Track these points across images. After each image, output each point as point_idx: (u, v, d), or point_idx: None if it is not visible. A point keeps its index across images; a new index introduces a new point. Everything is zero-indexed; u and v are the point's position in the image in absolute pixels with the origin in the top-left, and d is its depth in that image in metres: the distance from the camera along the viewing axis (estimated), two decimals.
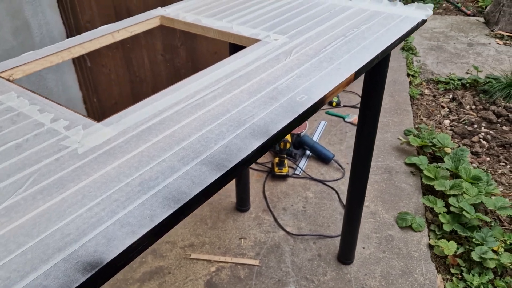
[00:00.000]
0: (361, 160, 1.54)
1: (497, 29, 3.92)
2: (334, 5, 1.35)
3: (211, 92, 0.88)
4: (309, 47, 1.07)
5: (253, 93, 0.87)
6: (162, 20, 1.31)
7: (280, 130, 0.76)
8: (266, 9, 1.33)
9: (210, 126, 0.77)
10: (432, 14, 1.24)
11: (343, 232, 1.76)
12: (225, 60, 1.02)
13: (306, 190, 2.20)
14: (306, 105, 0.82)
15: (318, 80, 0.91)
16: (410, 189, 2.20)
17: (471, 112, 2.94)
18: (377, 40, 1.09)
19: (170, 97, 0.86)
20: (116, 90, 2.22)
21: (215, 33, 1.21)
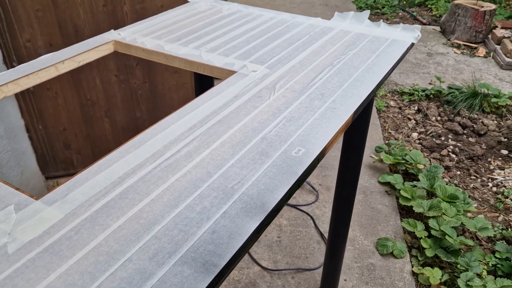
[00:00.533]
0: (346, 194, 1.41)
1: (454, 38, 3.98)
2: (313, 26, 1.22)
3: (184, 147, 0.71)
4: (294, 80, 0.92)
5: (238, 146, 0.70)
6: (116, 45, 1.12)
7: (280, 201, 0.60)
8: (237, 31, 1.17)
9: (188, 199, 0.59)
10: (420, 36, 1.13)
11: (325, 266, 1.63)
12: (198, 99, 0.85)
13: (279, 216, 2.05)
14: (305, 162, 0.67)
15: (313, 125, 0.76)
16: (386, 210, 2.10)
17: (437, 124, 2.91)
18: (370, 70, 0.96)
19: (133, 155, 0.68)
20: (65, 115, 1.98)
21: (181, 62, 1.03)
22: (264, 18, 1.27)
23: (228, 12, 1.32)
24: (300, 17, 1.28)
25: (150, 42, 1.09)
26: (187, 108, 0.82)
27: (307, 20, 1.26)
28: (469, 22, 3.86)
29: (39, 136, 1.97)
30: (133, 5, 1.83)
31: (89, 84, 1.94)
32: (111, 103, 2.02)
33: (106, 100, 2.01)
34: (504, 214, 2.16)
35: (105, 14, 1.81)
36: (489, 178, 2.42)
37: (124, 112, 2.07)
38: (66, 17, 1.76)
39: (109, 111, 2.04)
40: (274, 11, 1.33)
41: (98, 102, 2.00)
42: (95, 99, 1.99)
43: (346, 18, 1.25)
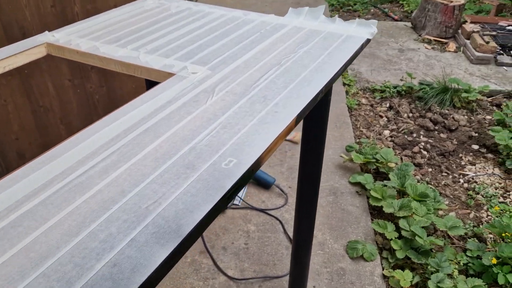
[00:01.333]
0: (308, 193, 1.34)
1: (424, 33, 3.98)
2: (265, 24, 1.14)
3: (101, 161, 0.62)
4: (236, 82, 0.84)
5: (162, 159, 0.63)
6: (49, 48, 1.03)
7: (200, 223, 0.52)
8: (183, 30, 1.09)
9: (93, 224, 0.51)
10: (376, 31, 1.07)
11: (291, 273, 1.56)
12: (128, 105, 0.76)
13: (247, 222, 1.98)
14: (235, 174, 0.60)
15: (250, 132, 0.69)
16: (357, 211, 2.05)
17: (409, 121, 2.89)
18: (319, 68, 0.89)
19: (39, 173, 0.60)
20: (16, 123, 1.86)
21: (116, 65, 0.95)
22: (214, 16, 1.20)
23: (176, 10, 1.23)
24: (253, 14, 1.20)
25: (85, 44, 1.00)
26: (114, 115, 0.73)
27: (260, 17, 1.19)
28: (439, 17, 3.86)
29: None
30: (84, 5, 1.73)
31: (41, 90, 1.83)
32: (66, 109, 1.92)
33: (61, 106, 1.90)
34: (475, 211, 2.14)
35: (53, 16, 1.70)
36: (461, 174, 2.39)
37: (81, 118, 1.97)
38: (12, 20, 1.65)
39: (64, 117, 1.93)
40: (226, 8, 1.25)
41: (52, 108, 1.89)
42: (49, 106, 1.88)
43: (300, 14, 1.18)
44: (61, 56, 1.02)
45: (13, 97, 1.80)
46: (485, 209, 2.15)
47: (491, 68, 3.43)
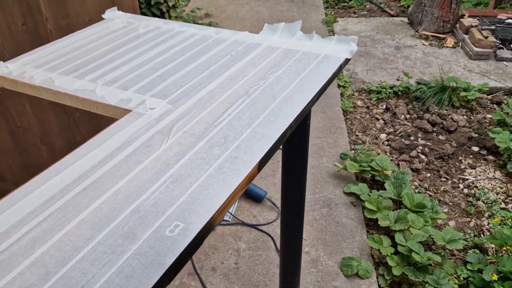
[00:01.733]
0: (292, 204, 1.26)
1: (421, 29, 3.87)
2: (237, 43, 1.06)
3: (29, 232, 0.55)
4: (197, 119, 0.76)
5: (99, 226, 0.55)
6: (2, 81, 0.95)
7: None
8: (147, 55, 1.01)
9: None
10: (357, 48, 0.99)
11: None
12: (70, 156, 0.69)
13: (237, 239, 1.90)
14: (179, 245, 0.52)
15: (203, 186, 0.61)
16: (352, 224, 1.97)
17: (406, 122, 2.80)
18: (289, 99, 0.81)
19: None
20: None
21: (71, 100, 0.87)
22: (184, 36, 1.11)
23: (144, 31, 1.15)
24: (225, 32, 1.12)
25: (40, 76, 0.93)
26: (52, 170, 0.66)
27: (233, 35, 1.11)
28: (436, 12, 3.75)
29: None
30: (57, 21, 1.65)
31: (18, 110, 1.76)
32: (46, 128, 1.84)
33: (40, 126, 1.83)
34: (476, 219, 2.05)
35: (26, 34, 1.63)
36: (460, 179, 2.31)
37: (62, 137, 1.90)
38: None
39: (44, 137, 1.86)
40: (197, 26, 1.17)
41: (31, 128, 1.82)
42: (27, 126, 1.81)
43: (276, 31, 1.10)
44: (14, 90, 0.94)
45: None
46: (486, 216, 2.06)
47: (491, 63, 3.32)
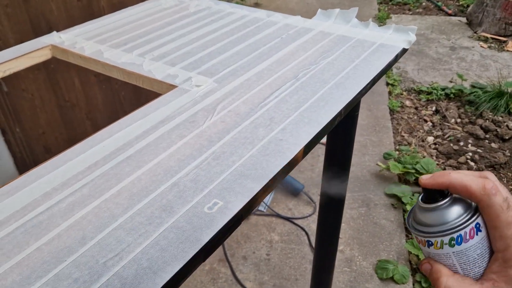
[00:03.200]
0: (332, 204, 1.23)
1: (481, 31, 3.67)
2: (288, 27, 1.03)
3: (70, 195, 0.54)
4: (242, 99, 0.74)
5: (137, 197, 0.54)
6: (54, 51, 0.97)
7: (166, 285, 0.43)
8: (197, 33, 1.00)
9: (37, 283, 0.43)
10: (415, 39, 0.93)
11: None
12: (115, 125, 0.68)
13: (271, 231, 1.88)
14: (216, 223, 0.50)
15: (246, 166, 0.58)
16: (391, 226, 1.90)
17: (457, 127, 2.66)
18: (341, 85, 0.77)
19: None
20: (43, 118, 1.86)
21: (119, 73, 0.87)
22: (235, 17, 1.09)
23: (195, 10, 1.14)
24: (277, 15, 1.09)
25: (90, 47, 0.93)
26: (97, 137, 0.65)
27: (284, 18, 1.07)
28: (498, 13, 3.54)
29: (17, 139, 1.86)
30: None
31: (67, 85, 1.81)
32: (92, 105, 1.89)
33: (87, 102, 1.88)
34: None
35: (80, 9, 1.67)
36: (511, 190, 2.17)
37: (107, 114, 1.94)
38: (38, 13, 1.63)
39: (90, 113, 1.91)
40: (249, 8, 1.14)
41: (78, 104, 1.87)
42: (75, 101, 1.86)
43: (330, 16, 1.05)
44: (65, 60, 0.96)
45: (39, 91, 1.79)
46: None
47: None
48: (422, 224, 0.45)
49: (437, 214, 0.43)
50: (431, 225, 0.44)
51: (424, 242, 0.45)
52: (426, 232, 0.44)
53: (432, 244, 0.44)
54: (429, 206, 0.44)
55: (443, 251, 0.43)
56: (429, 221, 0.44)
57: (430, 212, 0.44)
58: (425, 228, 0.44)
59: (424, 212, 0.45)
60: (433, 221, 0.44)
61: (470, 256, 0.42)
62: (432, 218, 0.44)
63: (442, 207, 0.43)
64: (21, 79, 1.73)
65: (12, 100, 1.79)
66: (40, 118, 1.85)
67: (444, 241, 0.43)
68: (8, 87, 1.73)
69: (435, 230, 0.43)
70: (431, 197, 0.44)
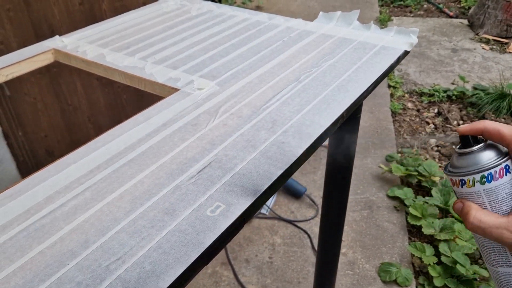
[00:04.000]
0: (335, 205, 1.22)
1: (482, 32, 3.66)
2: (290, 30, 1.03)
3: (72, 199, 0.55)
4: (245, 102, 0.74)
5: (140, 200, 0.54)
6: (56, 55, 0.97)
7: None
8: (198, 37, 1.00)
9: (41, 286, 0.43)
10: (417, 41, 0.93)
11: None
12: (117, 128, 0.68)
13: (273, 234, 1.88)
14: (219, 226, 0.50)
15: (248, 167, 0.58)
16: (394, 229, 1.89)
17: None
18: (343, 87, 0.77)
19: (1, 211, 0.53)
20: (45, 121, 1.86)
21: (121, 76, 0.87)
22: (236, 20, 1.09)
23: (197, 13, 1.14)
24: (278, 18, 1.09)
25: (92, 51, 0.94)
26: (99, 140, 0.65)
27: (286, 21, 1.08)
28: (500, 15, 3.54)
29: (19, 143, 1.87)
30: (112, 3, 1.69)
31: (70, 89, 1.81)
32: (94, 108, 1.89)
33: (89, 105, 1.88)
34: None
35: (82, 13, 1.67)
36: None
37: (109, 117, 1.94)
38: (40, 17, 1.63)
39: (92, 116, 1.91)
40: (251, 11, 1.15)
41: (81, 107, 1.88)
42: (77, 104, 1.87)
43: (331, 19, 1.06)
44: (68, 64, 0.96)
45: (42, 95, 1.79)
46: None
47: None
48: (458, 167, 0.49)
49: (471, 157, 0.48)
50: (465, 166, 0.48)
51: (458, 182, 0.49)
52: (460, 172, 0.48)
53: (465, 183, 0.48)
54: (465, 150, 0.48)
55: (474, 189, 0.47)
56: (464, 163, 0.48)
57: (465, 156, 0.48)
58: (460, 170, 0.49)
59: (460, 157, 0.49)
60: (467, 163, 0.48)
61: (499, 194, 0.46)
62: (467, 161, 0.48)
63: (476, 151, 0.47)
64: (23, 83, 1.73)
65: (14, 104, 1.79)
66: (43, 122, 1.86)
67: (476, 178, 0.47)
68: (11, 91, 1.74)
69: (468, 170, 0.47)
70: (467, 143, 0.48)
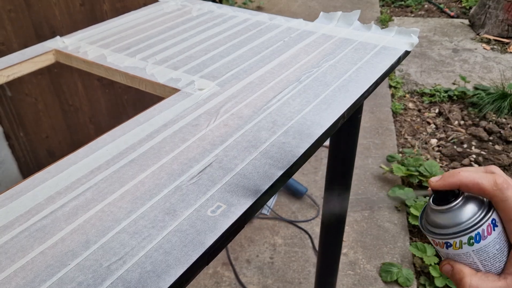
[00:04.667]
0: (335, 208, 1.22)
1: (483, 32, 3.66)
2: (290, 30, 1.03)
3: (73, 199, 0.55)
4: (245, 103, 0.74)
5: (141, 200, 0.54)
6: (57, 55, 0.97)
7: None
8: (198, 38, 1.00)
9: (42, 286, 0.44)
10: (418, 41, 0.93)
11: None
12: (118, 129, 0.68)
13: (274, 234, 1.88)
14: (220, 226, 0.50)
15: (248, 168, 0.58)
16: (395, 229, 1.89)
17: (460, 129, 2.65)
18: (343, 87, 0.77)
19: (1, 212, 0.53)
20: (47, 122, 1.87)
21: (122, 76, 0.87)
22: (237, 20, 1.10)
23: (197, 14, 1.15)
24: (279, 19, 1.09)
25: (93, 52, 0.94)
26: (100, 141, 0.66)
27: (287, 22, 1.08)
28: (501, 15, 3.53)
29: (20, 144, 1.87)
30: (113, 3, 1.69)
31: (71, 89, 1.81)
32: (95, 109, 1.90)
33: (90, 106, 1.88)
34: None
35: (83, 14, 1.67)
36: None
37: (110, 118, 1.94)
38: (41, 18, 1.64)
39: (93, 117, 1.92)
40: (251, 12, 1.15)
41: (82, 108, 1.88)
42: (78, 105, 1.87)
43: (332, 19, 1.06)
44: (69, 64, 0.96)
45: (43, 95, 1.79)
46: None
47: None
48: (437, 226, 0.45)
49: (452, 215, 0.43)
50: (447, 226, 0.44)
51: (442, 244, 0.45)
52: (443, 234, 0.44)
53: (451, 245, 0.44)
54: (442, 208, 0.44)
55: (462, 251, 0.43)
56: (444, 222, 0.44)
57: (444, 214, 0.44)
58: (442, 230, 0.44)
59: (438, 214, 0.45)
60: (448, 222, 0.43)
61: (490, 252, 0.43)
62: (447, 219, 0.44)
63: (456, 207, 0.43)
64: (24, 83, 1.74)
65: (15, 105, 1.79)
66: (44, 122, 1.86)
67: (463, 240, 0.43)
68: (12, 91, 1.74)
69: (452, 231, 0.43)
70: (443, 198, 0.44)
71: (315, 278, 1.43)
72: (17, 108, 1.80)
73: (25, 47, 0.98)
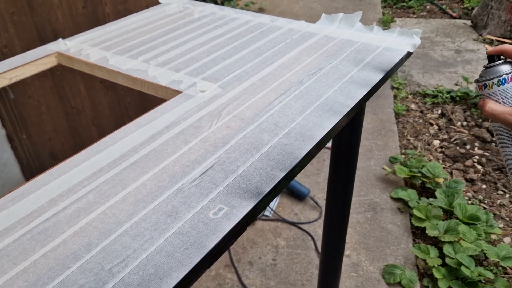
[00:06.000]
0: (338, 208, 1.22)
1: (486, 33, 3.65)
2: (292, 32, 1.03)
3: (75, 202, 0.55)
4: (247, 104, 0.74)
5: (143, 203, 0.54)
6: (59, 58, 0.97)
7: None
8: (200, 40, 1.00)
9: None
10: (420, 42, 0.93)
11: None
12: (120, 131, 0.68)
13: (277, 236, 1.87)
14: (222, 228, 0.50)
15: (250, 170, 0.58)
16: (398, 231, 1.89)
17: (463, 130, 2.64)
18: (345, 89, 0.77)
19: (3, 215, 0.53)
20: (49, 124, 1.87)
21: (124, 79, 0.87)
22: (239, 22, 1.10)
23: (199, 16, 1.15)
24: (281, 20, 1.09)
25: (95, 54, 0.94)
26: (102, 143, 0.66)
27: (288, 23, 1.08)
28: (504, 15, 3.52)
29: (23, 146, 1.88)
30: (115, 6, 1.69)
31: (73, 92, 1.82)
32: (98, 111, 1.90)
33: (92, 108, 1.89)
34: None
35: (85, 17, 1.68)
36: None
37: (112, 120, 1.94)
38: (44, 20, 1.64)
39: (96, 119, 1.92)
40: (253, 13, 1.15)
41: (84, 110, 1.88)
42: (81, 107, 1.87)
43: (334, 21, 1.06)
44: (70, 66, 0.96)
45: (46, 98, 1.80)
46: None
47: None
48: (484, 76, 0.69)
49: (493, 69, 0.68)
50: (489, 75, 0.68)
51: (482, 86, 0.69)
52: (484, 79, 0.69)
53: (487, 86, 0.68)
54: (489, 65, 0.69)
55: (492, 90, 0.68)
56: (488, 74, 0.68)
57: (489, 69, 0.68)
58: (484, 78, 0.69)
59: (486, 70, 0.69)
60: (490, 73, 0.68)
61: (509, 93, 0.66)
62: (490, 72, 0.68)
63: (497, 65, 0.67)
64: (27, 86, 1.74)
65: (18, 107, 1.80)
66: (46, 125, 1.87)
67: (494, 82, 0.67)
68: (15, 94, 1.75)
69: (490, 77, 0.68)
70: (491, 60, 0.69)
71: (318, 280, 1.42)
72: (19, 111, 1.81)
73: (28, 50, 0.98)
